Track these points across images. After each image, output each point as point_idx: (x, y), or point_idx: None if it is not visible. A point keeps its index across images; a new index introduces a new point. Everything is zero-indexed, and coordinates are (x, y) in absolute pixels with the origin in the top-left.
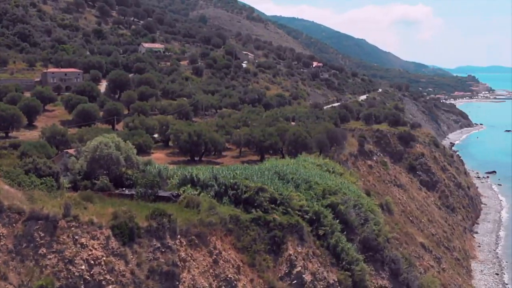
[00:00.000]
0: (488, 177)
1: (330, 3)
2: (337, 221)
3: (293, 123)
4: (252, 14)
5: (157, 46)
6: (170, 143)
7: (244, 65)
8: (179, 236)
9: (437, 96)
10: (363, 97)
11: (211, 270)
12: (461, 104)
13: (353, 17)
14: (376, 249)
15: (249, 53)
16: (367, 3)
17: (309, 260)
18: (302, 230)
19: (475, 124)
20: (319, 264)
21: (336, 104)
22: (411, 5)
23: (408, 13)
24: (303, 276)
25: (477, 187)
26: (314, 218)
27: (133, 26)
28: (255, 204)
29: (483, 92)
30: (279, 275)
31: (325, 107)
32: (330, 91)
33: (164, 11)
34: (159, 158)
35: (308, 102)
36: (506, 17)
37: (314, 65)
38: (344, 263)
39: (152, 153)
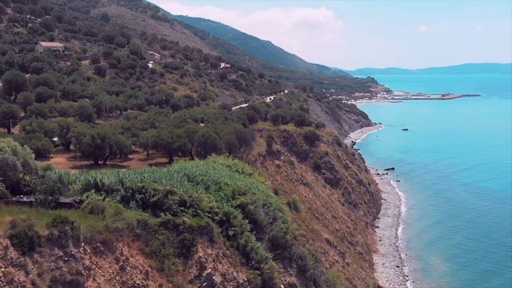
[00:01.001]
0: (387, 173)
1: (235, 5)
2: (247, 221)
3: (202, 124)
4: (157, 14)
5: (55, 45)
6: (72, 147)
7: (150, 65)
8: (83, 244)
9: (339, 97)
10: (270, 98)
11: (117, 277)
12: (361, 104)
13: (258, 19)
14: (284, 246)
15: (155, 53)
16: (271, 5)
17: (219, 261)
18: (212, 232)
19: (375, 123)
20: (229, 265)
21: (244, 105)
22: (314, 8)
23: (311, 16)
24: (213, 277)
25: (377, 184)
26: (224, 219)
27: (29, 24)
28: (164, 207)
29: (382, 93)
30: (189, 278)
31: (233, 108)
32: (238, 92)
33: (63, 9)
34: (59, 162)
35: (216, 103)
36: (401, 22)
37: (222, 66)
38: (253, 262)
39: (52, 157)
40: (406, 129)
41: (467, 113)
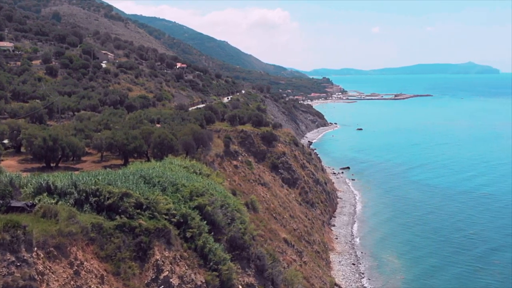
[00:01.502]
0: (342, 172)
1: (191, 4)
2: (205, 222)
3: (158, 125)
4: (110, 13)
5: (5, 44)
6: (23, 149)
7: (103, 65)
8: (35, 249)
9: (295, 97)
10: (227, 98)
11: (72, 282)
12: (317, 104)
13: (214, 19)
14: (243, 247)
15: (108, 53)
16: (227, 6)
17: (176, 264)
18: (169, 234)
19: (330, 123)
20: (186, 267)
21: (201, 106)
22: (270, 9)
23: (267, 17)
24: (171, 280)
25: (333, 182)
26: (182, 220)
27: None
28: (120, 210)
29: (337, 93)
30: (146, 282)
31: (190, 109)
32: (194, 92)
33: (13, 8)
34: (10, 165)
35: (173, 103)
36: (355, 23)
37: (178, 66)
38: (211, 263)
39: (2, 160)
40: (361, 129)
41: (419, 113)
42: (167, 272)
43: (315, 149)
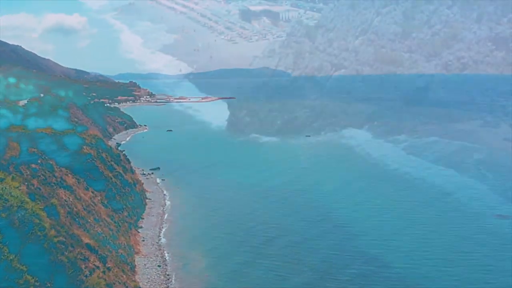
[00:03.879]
0: (152, 173)
1: None
2: None
3: None
4: None
5: None
6: None
7: None
8: None
9: (101, 100)
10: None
11: None
12: (125, 107)
13: (4, 24)
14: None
15: None
16: (19, 10)
17: None
18: None
19: (140, 125)
20: None
21: None
22: (67, 14)
23: (64, 22)
24: None
25: (143, 183)
26: None
27: None
28: None
29: (145, 97)
30: None
31: None
32: None
33: None
34: None
35: None
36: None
37: None
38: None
39: None
40: (171, 130)
41: (224, 114)
42: None
43: (123, 150)
